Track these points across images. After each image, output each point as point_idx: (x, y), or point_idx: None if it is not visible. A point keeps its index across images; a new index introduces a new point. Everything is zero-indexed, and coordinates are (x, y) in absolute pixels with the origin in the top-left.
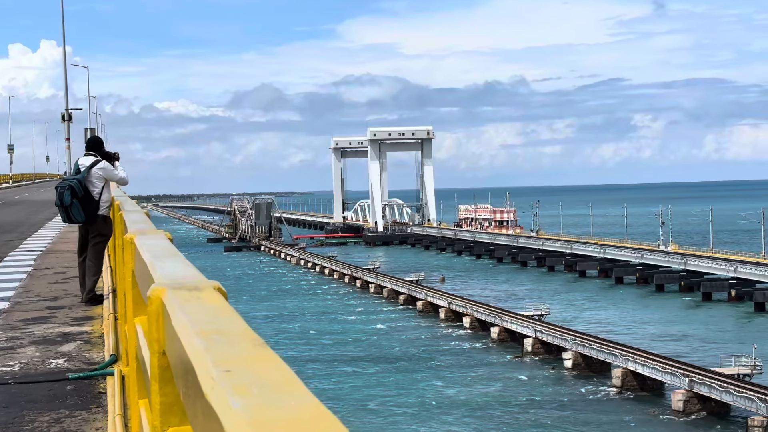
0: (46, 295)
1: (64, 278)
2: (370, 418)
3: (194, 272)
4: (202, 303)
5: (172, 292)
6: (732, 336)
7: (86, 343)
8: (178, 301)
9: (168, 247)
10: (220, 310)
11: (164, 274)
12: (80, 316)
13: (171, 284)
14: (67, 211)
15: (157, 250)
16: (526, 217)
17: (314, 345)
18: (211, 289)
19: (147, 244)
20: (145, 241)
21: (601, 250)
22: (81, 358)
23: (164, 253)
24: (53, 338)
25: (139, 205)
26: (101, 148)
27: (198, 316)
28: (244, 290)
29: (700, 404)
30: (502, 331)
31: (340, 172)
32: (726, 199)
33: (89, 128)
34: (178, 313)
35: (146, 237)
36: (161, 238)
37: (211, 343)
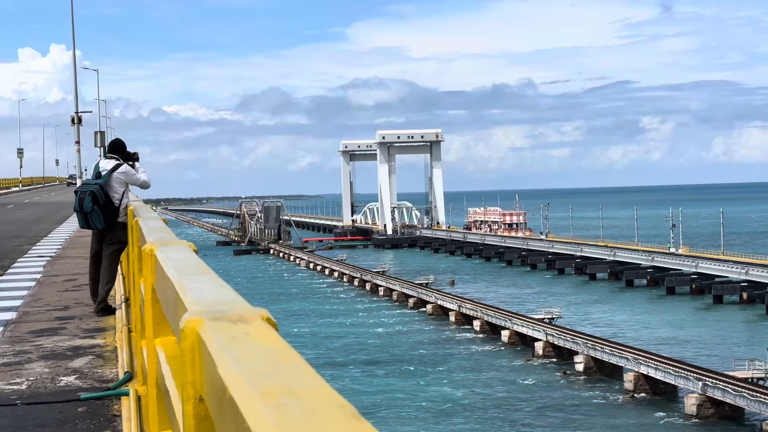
0: (56, 305)
1: (75, 286)
2: (380, 422)
3: (233, 296)
4: (253, 342)
5: (211, 324)
6: (744, 339)
7: (98, 357)
8: (222, 338)
9: (195, 262)
10: (281, 354)
11: (197, 298)
12: (92, 327)
13: (209, 313)
14: (87, 218)
15: (184, 265)
16: (536, 219)
17: (323, 348)
18: (259, 319)
19: (171, 258)
20: (168, 253)
21: (612, 252)
22: (93, 375)
23: (192, 269)
24: (63, 352)
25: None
26: (123, 151)
27: (253, 363)
28: (253, 293)
29: (714, 408)
30: (513, 335)
31: (348, 175)
32: (735, 202)
33: (99, 131)
34: (226, 357)
35: (168, 249)
36: (186, 250)
37: (284, 413)
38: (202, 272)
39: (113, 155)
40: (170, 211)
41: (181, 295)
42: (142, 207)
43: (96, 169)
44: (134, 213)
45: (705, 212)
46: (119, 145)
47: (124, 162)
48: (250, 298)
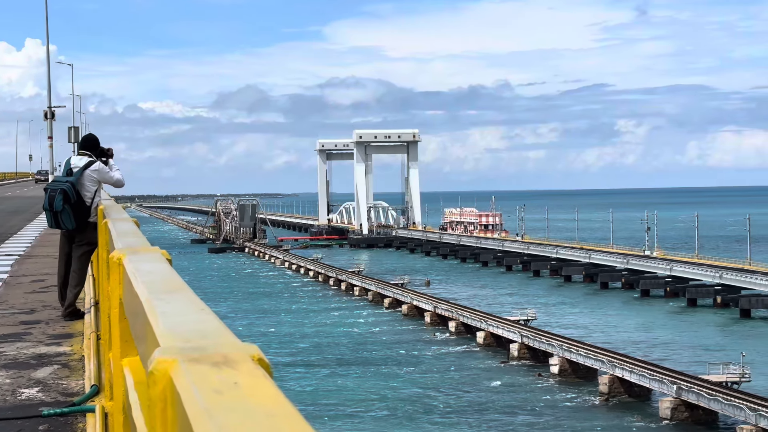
0: (22, 307)
1: (43, 287)
2: (353, 422)
3: (215, 323)
4: (243, 399)
5: (188, 368)
6: (718, 343)
7: (64, 367)
8: (203, 391)
9: (169, 275)
10: (282, 421)
11: (171, 327)
12: (58, 333)
13: (185, 351)
14: (57, 217)
15: (155, 279)
16: (512, 221)
17: (297, 347)
18: (249, 361)
19: (140, 270)
20: (138, 264)
21: (587, 254)
22: (57, 387)
23: (165, 284)
24: (26, 360)
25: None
26: (97, 147)
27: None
28: (227, 292)
29: (688, 412)
30: (488, 336)
31: (325, 174)
32: (709, 205)
33: (73, 127)
34: (209, 426)
35: (138, 258)
36: (158, 260)
37: None
38: (176, 289)
39: (86, 152)
40: (145, 208)
41: (150, 320)
42: (112, 207)
43: (67, 166)
44: (104, 214)
45: (680, 216)
46: (92, 140)
47: (98, 159)
48: (223, 297)
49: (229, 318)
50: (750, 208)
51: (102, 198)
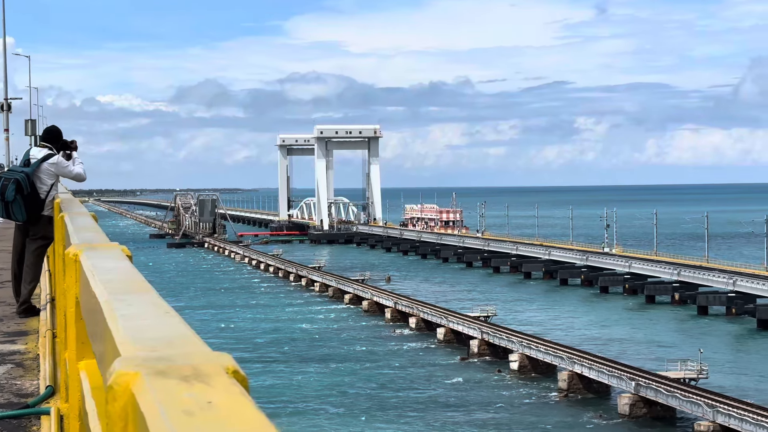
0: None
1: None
2: (311, 419)
3: (183, 329)
4: (219, 419)
5: (154, 382)
6: (676, 339)
7: (18, 366)
8: (171, 411)
9: (130, 274)
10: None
11: (133, 332)
12: (12, 330)
13: (149, 362)
14: (7, 207)
15: (115, 278)
16: (472, 217)
17: (255, 343)
18: (223, 375)
19: (99, 267)
20: (96, 261)
21: (546, 251)
22: (11, 387)
23: (127, 284)
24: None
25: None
26: (58, 140)
27: None
28: (186, 287)
29: (646, 408)
30: (448, 332)
31: (285, 170)
32: (668, 203)
33: (30, 120)
34: None
35: (97, 254)
36: (118, 257)
37: None
38: (139, 289)
39: (46, 144)
40: (103, 202)
41: (110, 325)
42: (70, 201)
43: (25, 156)
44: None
45: (639, 213)
46: (54, 133)
47: (58, 152)
48: (182, 292)
49: (186, 313)
50: (708, 206)
51: (59, 191)
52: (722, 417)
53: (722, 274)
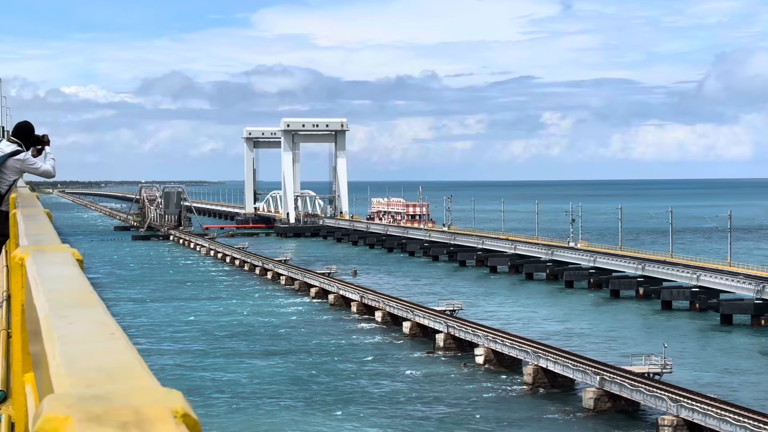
0: None
1: None
2: (273, 411)
3: (128, 356)
4: None
5: (85, 431)
6: (640, 334)
7: None
8: None
9: (77, 283)
10: None
11: (70, 359)
12: None
13: (84, 401)
14: None
15: (60, 288)
16: (438, 211)
17: (218, 335)
18: (169, 422)
19: (44, 276)
20: (42, 267)
21: (512, 245)
22: None
23: (71, 296)
24: None
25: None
26: (30, 137)
27: None
28: (150, 281)
29: (611, 402)
30: (414, 326)
31: (252, 162)
32: (633, 198)
33: None
34: None
35: (44, 258)
36: (67, 262)
37: None
38: (83, 302)
39: (16, 140)
40: (67, 194)
41: (46, 347)
42: (25, 196)
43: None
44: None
45: (604, 208)
46: (25, 129)
47: (28, 148)
48: (145, 285)
49: (150, 306)
50: (672, 201)
51: (18, 186)
52: (686, 411)
53: (686, 269)
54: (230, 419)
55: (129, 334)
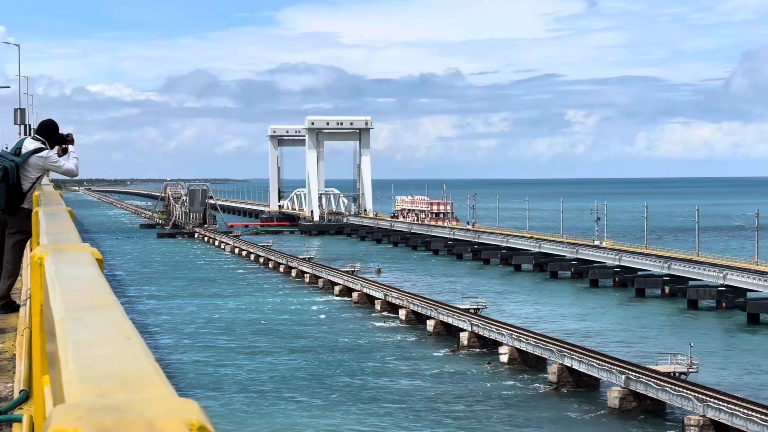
0: None
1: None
2: (297, 410)
3: (144, 362)
4: None
5: None
6: (666, 333)
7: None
8: None
9: (95, 285)
10: None
11: (83, 365)
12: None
13: (95, 412)
14: None
15: (77, 289)
16: (463, 209)
17: (243, 333)
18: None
19: (62, 276)
20: (61, 267)
21: (537, 244)
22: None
23: (88, 298)
24: None
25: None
26: (54, 135)
27: None
28: (174, 278)
29: (636, 402)
30: (438, 324)
31: (276, 160)
32: (658, 196)
33: (19, 108)
34: None
35: (63, 258)
36: (86, 262)
37: None
38: (100, 304)
39: (40, 137)
40: (93, 192)
41: (60, 351)
42: (49, 194)
43: (17, 145)
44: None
45: (629, 206)
46: (50, 127)
47: (53, 147)
48: (171, 282)
49: (174, 303)
50: (698, 199)
51: (43, 183)
52: (712, 411)
53: (712, 268)
54: (251, 416)
55: (152, 331)
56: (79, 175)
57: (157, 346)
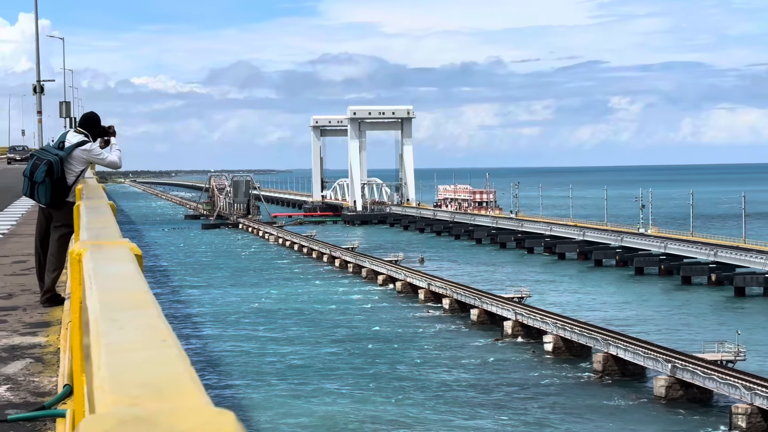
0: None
1: (24, 269)
2: (345, 400)
3: (179, 368)
4: None
5: None
6: (712, 321)
7: (38, 361)
8: None
9: (132, 283)
10: None
11: (116, 370)
12: (35, 321)
13: (125, 424)
14: (33, 187)
15: (114, 288)
16: (506, 198)
17: (287, 323)
18: None
19: (100, 273)
20: (99, 263)
21: (581, 232)
22: (29, 384)
23: (125, 297)
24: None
25: (114, 182)
26: (96, 128)
27: None
28: (218, 268)
29: (683, 390)
30: (482, 313)
31: (319, 151)
32: (704, 183)
33: (64, 102)
34: None
35: (102, 254)
36: (124, 258)
37: None
38: (137, 304)
39: (83, 130)
40: (138, 183)
41: (93, 354)
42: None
43: (60, 139)
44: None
45: (674, 193)
46: (92, 119)
47: (95, 139)
48: (215, 273)
49: (216, 291)
50: (745, 185)
51: (86, 176)
52: (760, 399)
53: (759, 255)
54: (292, 404)
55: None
56: (123, 167)
57: (201, 335)
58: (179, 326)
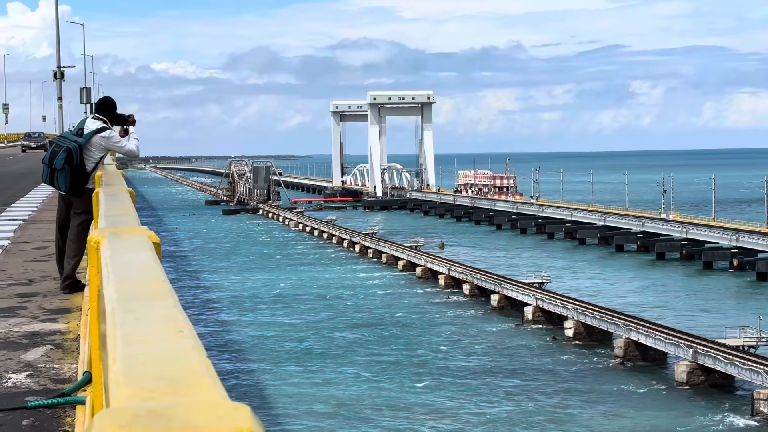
0: (20, 278)
1: (44, 255)
2: (364, 385)
3: (195, 360)
4: None
5: None
6: (734, 306)
7: (57, 348)
8: None
9: (149, 271)
10: None
11: (131, 363)
12: (55, 307)
13: (140, 419)
14: (53, 174)
15: (131, 277)
16: (526, 183)
17: (307, 308)
18: None
19: (117, 262)
20: (116, 251)
21: (602, 217)
22: (48, 371)
23: (142, 286)
24: (18, 339)
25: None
26: (112, 112)
27: None
28: (238, 253)
29: (704, 376)
30: (503, 299)
31: (339, 136)
32: (726, 167)
33: (85, 87)
34: None
35: (120, 243)
36: (142, 247)
37: None
38: (154, 294)
39: (101, 116)
40: (159, 169)
41: (108, 346)
42: (111, 174)
43: (80, 126)
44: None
45: (696, 178)
46: (107, 104)
47: (112, 124)
48: (235, 258)
49: (236, 276)
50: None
51: (106, 163)
52: None
53: None
54: (310, 388)
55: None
56: (143, 153)
57: (219, 320)
58: (198, 312)
